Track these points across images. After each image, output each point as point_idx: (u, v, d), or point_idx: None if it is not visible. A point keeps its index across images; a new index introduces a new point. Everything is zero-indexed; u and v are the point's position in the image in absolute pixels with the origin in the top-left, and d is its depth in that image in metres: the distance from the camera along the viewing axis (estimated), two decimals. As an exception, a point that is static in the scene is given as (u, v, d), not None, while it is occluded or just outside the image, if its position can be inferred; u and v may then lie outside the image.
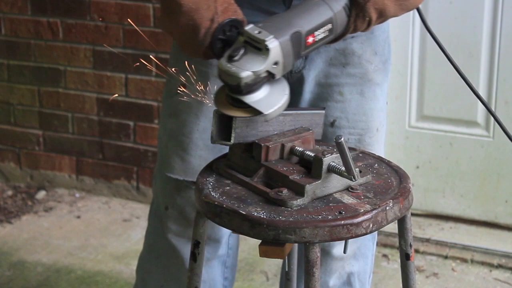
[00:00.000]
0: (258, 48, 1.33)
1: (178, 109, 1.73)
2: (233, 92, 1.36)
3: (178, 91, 1.68)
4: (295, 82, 1.70)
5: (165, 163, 1.78)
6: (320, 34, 1.40)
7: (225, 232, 1.84)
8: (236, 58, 1.34)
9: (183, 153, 1.74)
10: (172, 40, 1.80)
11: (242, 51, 1.34)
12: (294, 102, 1.73)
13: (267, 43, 1.32)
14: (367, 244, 1.87)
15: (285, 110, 1.47)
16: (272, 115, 1.38)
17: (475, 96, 2.97)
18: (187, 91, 1.67)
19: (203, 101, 1.62)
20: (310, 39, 1.38)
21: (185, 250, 1.80)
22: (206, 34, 1.40)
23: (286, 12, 1.41)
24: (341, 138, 1.26)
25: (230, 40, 1.40)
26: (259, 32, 1.34)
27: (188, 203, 1.77)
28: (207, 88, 1.63)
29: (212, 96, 1.59)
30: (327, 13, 1.40)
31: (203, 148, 1.72)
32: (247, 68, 1.33)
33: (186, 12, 1.40)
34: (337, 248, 1.80)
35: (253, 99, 1.36)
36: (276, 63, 1.34)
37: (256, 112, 1.36)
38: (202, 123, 1.71)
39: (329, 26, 1.40)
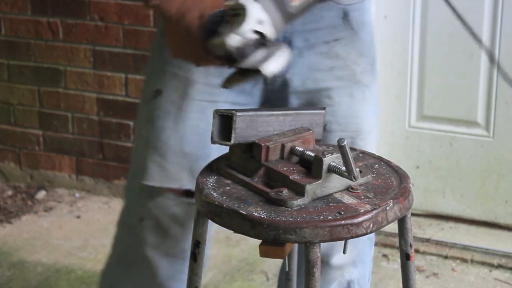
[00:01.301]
0: (238, 14, 1.33)
1: (155, 116, 1.70)
2: (232, 63, 1.35)
3: (155, 97, 1.68)
4: (279, 89, 1.68)
5: (141, 171, 1.73)
6: None
7: (189, 247, 1.83)
8: (221, 29, 1.34)
9: (160, 159, 1.70)
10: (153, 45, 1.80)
11: (224, 24, 1.34)
12: (283, 105, 1.71)
13: (242, 3, 1.32)
14: (366, 250, 1.87)
15: (285, 110, 1.47)
16: (270, 69, 1.35)
17: (475, 96, 2.98)
18: (164, 97, 1.67)
19: (181, 106, 1.63)
20: None
21: (160, 263, 1.76)
22: (199, 31, 1.38)
23: None
24: (344, 141, 1.26)
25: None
26: (237, 2, 1.33)
27: (165, 213, 1.72)
28: (186, 93, 1.64)
29: (190, 100, 1.61)
30: None
31: (181, 155, 1.69)
32: (230, 33, 1.32)
33: (176, 19, 1.39)
34: (336, 257, 1.79)
35: (250, 61, 1.35)
36: (260, 22, 1.33)
37: (257, 72, 1.35)
38: (180, 129, 1.68)
39: None
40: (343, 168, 1.30)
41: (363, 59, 1.71)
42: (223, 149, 1.52)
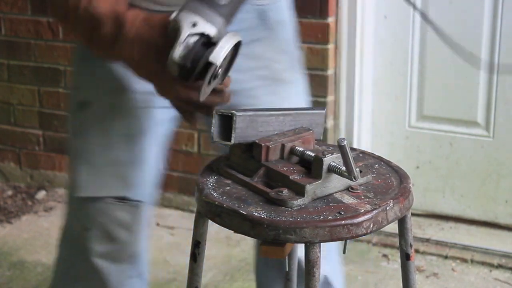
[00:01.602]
0: (176, 29, 1.32)
1: (83, 127, 1.70)
2: (189, 76, 1.33)
3: (83, 109, 1.66)
4: None
5: (77, 184, 1.72)
6: None
7: (144, 248, 1.82)
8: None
9: (92, 170, 1.70)
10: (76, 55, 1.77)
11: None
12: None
13: (173, 17, 1.32)
14: (332, 247, 1.86)
15: (285, 110, 1.47)
16: (218, 56, 1.32)
17: (475, 96, 2.98)
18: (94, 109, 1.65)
19: (110, 115, 1.63)
20: None
21: (109, 270, 1.74)
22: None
23: None
24: (344, 141, 1.26)
25: None
26: (171, 20, 1.32)
27: (110, 219, 1.71)
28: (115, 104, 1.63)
29: (120, 108, 1.61)
30: None
31: (113, 164, 1.69)
32: (174, 47, 1.31)
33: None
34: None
35: (203, 61, 1.33)
36: (194, 24, 1.32)
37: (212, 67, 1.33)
38: (111, 138, 1.67)
39: None
40: (343, 168, 1.30)
41: (283, 57, 1.72)
42: (159, 156, 1.61)
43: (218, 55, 1.32)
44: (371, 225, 1.28)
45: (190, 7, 1.33)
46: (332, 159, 1.31)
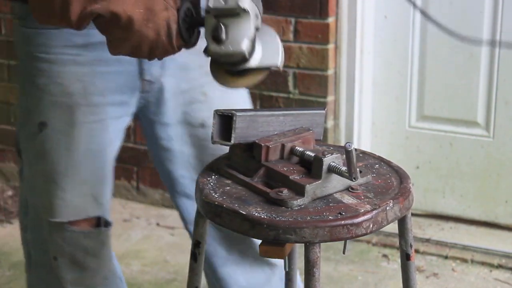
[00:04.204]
0: (235, 14, 1.31)
1: (45, 150, 1.66)
2: (239, 65, 1.35)
3: (41, 131, 1.63)
4: (156, 93, 1.69)
5: (45, 208, 1.69)
6: None
7: (115, 266, 1.81)
8: (222, 37, 1.32)
9: (61, 193, 1.67)
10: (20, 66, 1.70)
11: (222, 28, 1.32)
12: (159, 111, 1.71)
13: (241, 5, 1.30)
14: None
15: (286, 110, 1.48)
16: (282, 62, 1.37)
17: (475, 96, 2.99)
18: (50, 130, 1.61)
19: (69, 133, 1.60)
20: None
21: None
22: (170, 26, 1.35)
23: None
24: (351, 146, 1.26)
25: (194, 23, 1.38)
26: (225, 1, 1.31)
27: (77, 248, 1.70)
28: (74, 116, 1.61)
29: (77, 124, 1.59)
30: None
31: (82, 183, 1.67)
32: (241, 39, 1.31)
33: (138, 21, 1.34)
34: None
35: (258, 60, 1.35)
36: (257, 16, 1.34)
37: (267, 69, 1.36)
38: (76, 156, 1.65)
39: None
40: (343, 168, 1.30)
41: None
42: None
43: (280, 62, 1.37)
44: (371, 225, 1.28)
45: None
46: (332, 159, 1.31)
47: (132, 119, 1.76)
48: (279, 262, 1.86)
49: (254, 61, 1.36)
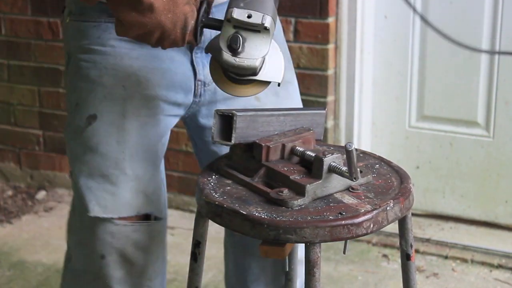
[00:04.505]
0: (256, 30, 1.32)
1: (94, 143, 1.62)
2: (243, 76, 1.37)
3: (89, 124, 1.59)
4: (209, 96, 1.66)
5: (92, 205, 1.63)
6: None
7: (152, 274, 1.76)
8: (239, 49, 1.33)
9: (112, 187, 1.62)
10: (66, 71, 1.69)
11: (240, 40, 1.33)
12: (210, 115, 1.66)
13: (265, 24, 1.31)
14: None
15: (286, 110, 1.48)
16: (283, 78, 1.39)
17: (475, 96, 2.98)
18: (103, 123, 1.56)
19: (121, 126, 1.57)
20: None
21: None
22: (187, 21, 1.35)
23: None
24: (351, 146, 1.26)
25: (208, 25, 1.38)
26: (249, 16, 1.32)
27: (128, 243, 1.65)
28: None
29: (129, 117, 1.57)
30: None
31: (134, 178, 1.63)
32: (257, 55, 1.33)
33: (159, 9, 1.33)
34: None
35: (262, 74, 1.36)
36: (273, 33, 1.35)
37: (268, 82, 1.38)
38: (127, 150, 1.61)
39: None
40: (344, 168, 1.30)
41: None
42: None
43: (282, 77, 1.40)
44: (372, 225, 1.28)
45: (273, 11, 1.35)
46: (332, 159, 1.31)
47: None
48: None
49: (260, 75, 1.36)
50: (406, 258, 1.43)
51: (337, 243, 2.71)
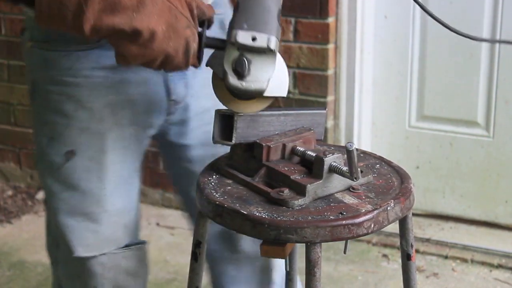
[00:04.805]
0: (261, 52, 1.29)
1: (74, 180, 1.56)
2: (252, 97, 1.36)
3: (68, 159, 1.53)
4: (180, 114, 1.63)
5: (74, 246, 1.59)
6: None
7: None
8: (245, 73, 1.30)
9: (94, 225, 1.59)
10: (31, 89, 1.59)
11: (246, 64, 1.30)
12: (181, 132, 1.65)
13: (270, 46, 1.29)
14: None
15: (286, 110, 1.47)
16: (287, 90, 1.38)
17: (475, 96, 2.99)
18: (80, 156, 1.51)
19: (101, 161, 1.52)
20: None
21: None
22: (189, 45, 1.30)
23: None
24: (352, 146, 1.26)
25: (211, 45, 1.35)
26: (254, 39, 1.28)
27: (119, 271, 1.63)
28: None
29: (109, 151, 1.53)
30: None
31: (115, 214, 1.60)
32: (264, 78, 1.30)
33: (159, 39, 1.27)
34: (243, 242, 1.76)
35: (269, 90, 1.34)
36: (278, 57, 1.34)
37: (273, 97, 1.37)
38: (108, 185, 1.57)
39: None
40: (344, 168, 1.30)
41: None
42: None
43: (286, 91, 1.39)
44: (372, 225, 1.28)
45: (278, 31, 1.31)
46: (333, 159, 1.31)
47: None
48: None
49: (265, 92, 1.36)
50: (406, 258, 1.43)
51: (337, 243, 2.71)
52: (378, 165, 1.47)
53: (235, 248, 1.75)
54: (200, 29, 1.34)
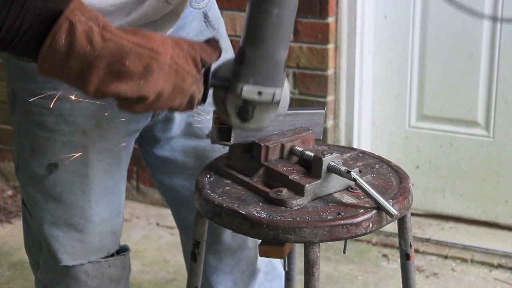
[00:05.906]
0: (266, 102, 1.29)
1: (57, 192, 1.54)
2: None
3: (51, 172, 1.51)
4: (163, 120, 1.63)
5: (60, 255, 1.59)
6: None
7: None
8: (248, 118, 1.30)
9: (79, 235, 1.57)
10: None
11: (250, 111, 1.30)
12: (165, 128, 1.64)
13: (275, 99, 1.28)
14: None
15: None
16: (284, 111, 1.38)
17: (475, 96, 2.98)
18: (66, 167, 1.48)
19: (85, 173, 1.49)
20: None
21: None
22: (194, 98, 1.24)
23: (256, 42, 1.27)
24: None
25: (216, 86, 1.31)
26: (259, 93, 1.27)
27: (103, 278, 1.62)
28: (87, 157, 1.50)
29: (93, 163, 1.50)
30: (287, 20, 1.28)
31: (101, 223, 1.59)
32: (266, 119, 1.31)
33: (164, 98, 1.20)
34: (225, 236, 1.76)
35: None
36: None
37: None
38: (92, 197, 1.56)
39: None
40: (343, 168, 1.30)
41: (228, 55, 1.61)
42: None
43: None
44: (371, 225, 1.28)
45: (283, 82, 1.31)
46: (331, 159, 1.31)
47: None
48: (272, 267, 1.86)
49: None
50: (405, 257, 1.43)
51: (337, 243, 2.71)
52: (377, 165, 1.47)
53: (216, 240, 1.75)
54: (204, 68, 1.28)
